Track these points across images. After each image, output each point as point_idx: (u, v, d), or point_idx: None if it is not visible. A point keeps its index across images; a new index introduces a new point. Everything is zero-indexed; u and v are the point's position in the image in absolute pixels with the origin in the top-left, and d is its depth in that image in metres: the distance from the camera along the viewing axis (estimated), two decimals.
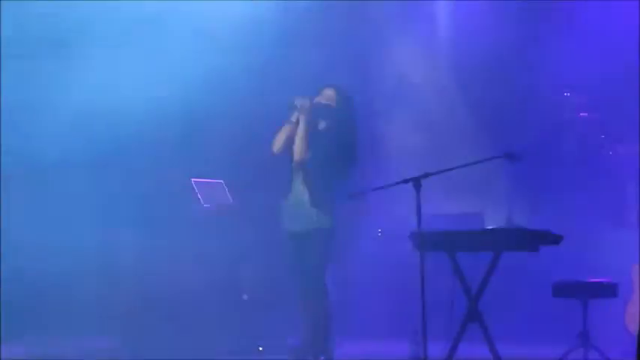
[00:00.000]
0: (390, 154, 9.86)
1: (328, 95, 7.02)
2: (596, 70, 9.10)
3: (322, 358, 6.86)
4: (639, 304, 7.61)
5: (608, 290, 6.98)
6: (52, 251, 8.77)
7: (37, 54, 9.22)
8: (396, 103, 10.06)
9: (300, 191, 6.93)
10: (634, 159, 8.91)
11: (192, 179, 8.89)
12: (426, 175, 6.24)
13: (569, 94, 9.65)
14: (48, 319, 8.94)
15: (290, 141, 6.98)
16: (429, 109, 10.04)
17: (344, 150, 6.92)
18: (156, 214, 8.54)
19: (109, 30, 9.24)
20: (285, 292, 8.09)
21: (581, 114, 9.56)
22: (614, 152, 9.31)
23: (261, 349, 8.27)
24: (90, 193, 9.17)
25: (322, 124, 7.00)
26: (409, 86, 10.07)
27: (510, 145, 6.50)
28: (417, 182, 6.17)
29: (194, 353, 8.02)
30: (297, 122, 6.94)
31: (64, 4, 8.97)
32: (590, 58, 9.16)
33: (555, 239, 6.27)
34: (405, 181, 6.24)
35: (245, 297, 8.56)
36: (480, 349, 6.39)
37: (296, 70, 9.37)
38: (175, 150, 9.40)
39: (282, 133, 7.02)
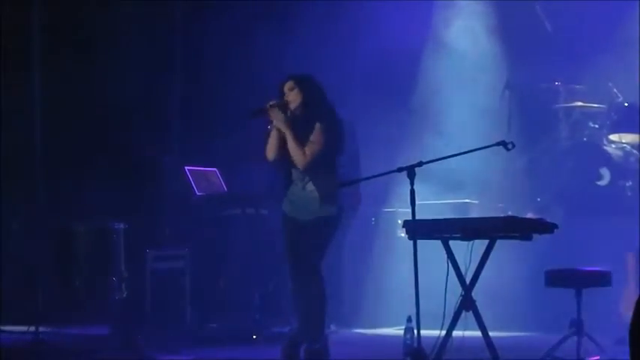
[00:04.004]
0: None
1: (289, 87, 6.90)
2: None
3: (317, 345, 6.84)
4: (634, 291, 7.62)
5: (602, 279, 6.97)
6: None
7: None
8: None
9: (303, 182, 6.85)
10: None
11: (186, 167, 8.86)
12: (420, 164, 6.22)
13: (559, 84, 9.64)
14: None
15: (282, 142, 6.84)
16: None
17: (330, 131, 6.81)
18: None
19: None
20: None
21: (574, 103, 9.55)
22: None
23: (255, 337, 8.27)
24: None
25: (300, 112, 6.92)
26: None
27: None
28: (410, 171, 6.16)
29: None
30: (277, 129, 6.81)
31: None
32: None
33: (549, 227, 6.26)
34: (399, 170, 6.23)
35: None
36: (473, 337, 6.39)
37: None
38: None
39: (273, 140, 6.84)
